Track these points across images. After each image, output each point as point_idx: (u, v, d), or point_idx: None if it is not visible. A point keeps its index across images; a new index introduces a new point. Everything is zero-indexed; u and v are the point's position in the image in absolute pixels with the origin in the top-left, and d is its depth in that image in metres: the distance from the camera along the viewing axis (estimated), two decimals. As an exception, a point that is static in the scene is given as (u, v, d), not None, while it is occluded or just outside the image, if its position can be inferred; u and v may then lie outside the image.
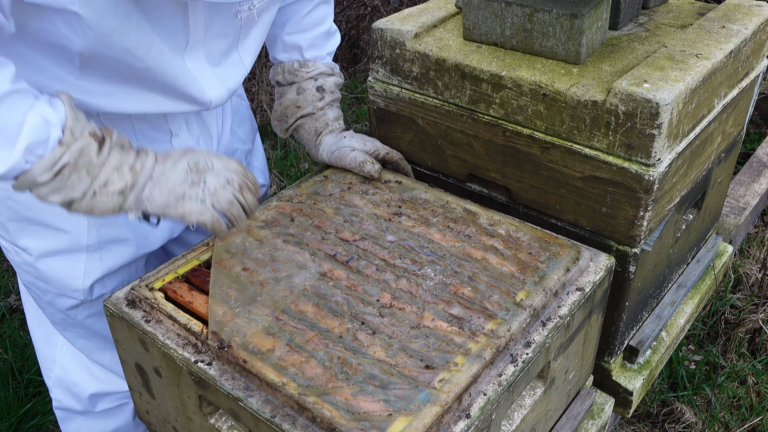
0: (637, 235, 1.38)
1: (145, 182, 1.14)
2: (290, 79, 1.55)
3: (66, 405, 1.66)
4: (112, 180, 1.10)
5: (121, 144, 1.13)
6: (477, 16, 1.50)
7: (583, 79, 1.37)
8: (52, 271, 1.40)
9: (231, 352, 1.11)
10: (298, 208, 1.46)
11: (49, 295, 1.44)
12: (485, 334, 1.14)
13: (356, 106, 4.00)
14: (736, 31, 1.51)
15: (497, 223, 1.41)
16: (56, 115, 1.04)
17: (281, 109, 1.59)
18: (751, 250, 2.72)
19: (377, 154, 1.57)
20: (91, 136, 1.07)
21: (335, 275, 1.27)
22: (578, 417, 1.44)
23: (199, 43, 1.24)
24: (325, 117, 1.57)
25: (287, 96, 1.57)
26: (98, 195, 1.10)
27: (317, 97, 1.56)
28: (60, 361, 1.62)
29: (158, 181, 1.15)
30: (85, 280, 1.41)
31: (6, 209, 1.34)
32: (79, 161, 1.06)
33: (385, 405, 1.02)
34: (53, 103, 1.06)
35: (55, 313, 1.49)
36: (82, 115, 1.10)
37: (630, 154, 1.32)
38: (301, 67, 1.55)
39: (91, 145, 1.07)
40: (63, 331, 1.55)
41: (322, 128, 1.57)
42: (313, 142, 1.59)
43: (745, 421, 2.11)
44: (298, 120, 1.59)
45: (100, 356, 1.59)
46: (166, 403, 1.29)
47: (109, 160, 1.10)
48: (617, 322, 1.52)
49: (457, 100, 1.51)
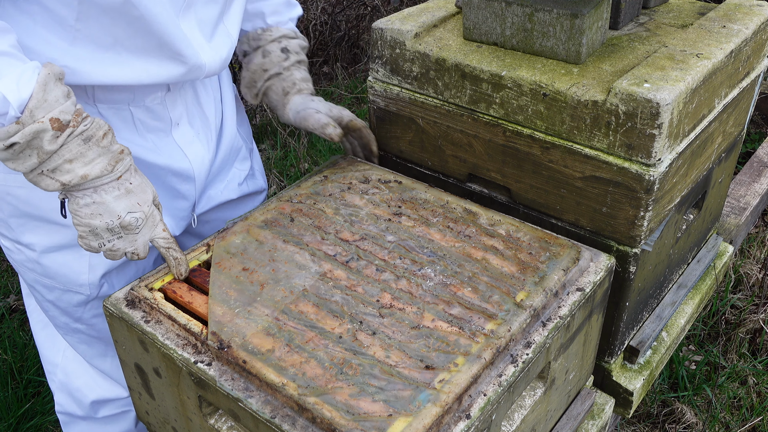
0: (637, 235, 1.38)
1: (84, 191, 1.15)
2: (254, 44, 1.58)
3: (68, 410, 1.65)
4: (61, 170, 1.11)
5: (88, 136, 1.12)
6: (477, 15, 1.50)
7: (583, 78, 1.37)
8: (57, 265, 1.39)
9: (231, 353, 1.11)
10: (298, 208, 1.45)
11: (55, 291, 1.43)
12: (485, 335, 1.14)
13: (356, 106, 4.00)
14: (737, 30, 1.51)
15: (497, 223, 1.41)
16: (17, 94, 1.04)
17: (249, 75, 1.60)
18: (751, 250, 2.72)
19: (341, 120, 1.59)
20: (49, 122, 1.07)
21: (335, 275, 1.27)
22: (578, 417, 1.44)
23: (192, 6, 1.25)
24: (292, 77, 1.59)
25: (254, 61, 1.59)
26: (44, 176, 1.11)
27: (282, 57, 1.58)
28: (63, 365, 1.61)
29: (93, 202, 1.16)
30: (91, 275, 1.40)
31: (6, 205, 1.33)
32: (31, 142, 1.07)
33: (385, 405, 1.01)
34: (26, 79, 1.05)
35: (58, 315, 1.48)
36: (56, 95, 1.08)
37: (630, 154, 1.31)
38: (263, 32, 1.58)
39: (46, 130, 1.07)
40: (65, 335, 1.54)
41: (290, 88, 1.59)
42: (281, 101, 1.60)
43: (746, 422, 2.11)
44: (266, 82, 1.59)
45: (100, 362, 1.58)
46: (165, 404, 1.29)
47: (62, 150, 1.10)
48: (617, 322, 1.52)
49: (457, 99, 1.51)
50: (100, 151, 1.14)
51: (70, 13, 1.15)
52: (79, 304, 1.45)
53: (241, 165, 1.63)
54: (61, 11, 1.14)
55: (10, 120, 1.04)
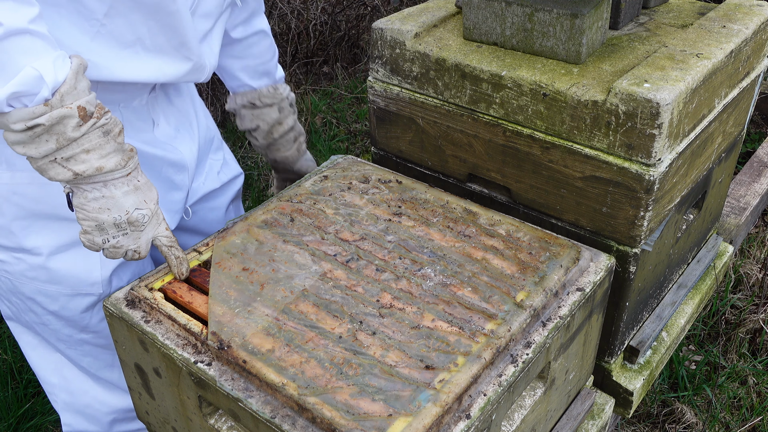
0: (637, 235, 1.38)
1: (95, 185, 1.15)
2: (268, 101, 1.76)
3: (79, 428, 1.61)
4: (77, 159, 1.11)
5: (108, 130, 1.13)
6: (477, 15, 1.50)
7: (583, 78, 1.37)
8: (67, 266, 1.37)
9: (231, 353, 1.11)
10: (298, 208, 1.45)
11: (60, 299, 1.40)
12: (485, 335, 1.14)
13: (356, 106, 4.00)
14: (737, 30, 1.50)
15: (497, 223, 1.41)
16: (54, 76, 1.04)
17: (267, 127, 1.78)
18: (751, 250, 2.72)
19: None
20: (77, 109, 1.07)
21: (335, 275, 1.27)
22: (578, 417, 1.44)
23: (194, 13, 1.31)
24: (301, 132, 1.86)
25: (270, 115, 1.77)
26: (56, 163, 1.10)
27: (292, 111, 1.82)
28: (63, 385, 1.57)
29: (102, 196, 1.16)
30: (103, 270, 1.40)
31: (11, 207, 1.32)
32: (54, 127, 1.06)
33: (385, 405, 1.01)
34: (60, 63, 1.06)
35: (61, 327, 1.45)
36: (84, 86, 1.09)
37: (630, 154, 1.31)
38: (275, 90, 1.76)
39: (73, 117, 1.07)
40: (67, 350, 1.51)
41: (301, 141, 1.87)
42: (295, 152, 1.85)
43: (746, 422, 2.11)
44: (284, 136, 1.81)
45: (108, 373, 1.55)
46: (165, 404, 1.29)
47: (83, 140, 1.10)
48: (617, 322, 1.52)
49: (457, 99, 1.51)
50: (116, 146, 1.15)
51: (101, 7, 1.17)
52: (87, 309, 1.43)
53: (215, 155, 1.69)
54: (92, 4, 1.16)
55: (38, 101, 1.03)
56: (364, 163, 1.62)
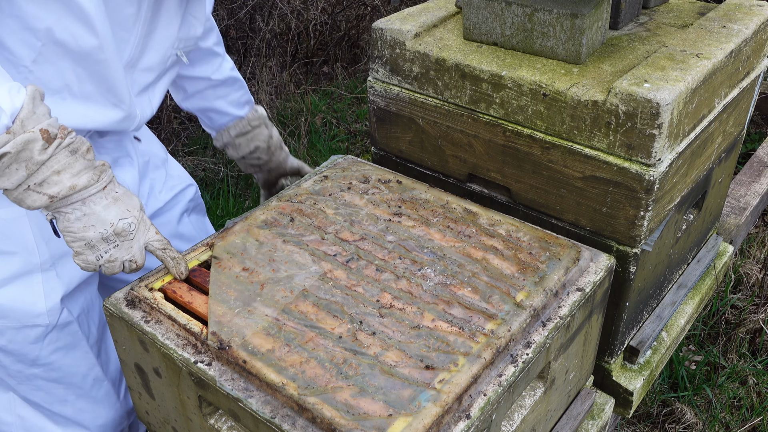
0: (637, 235, 1.38)
1: (73, 205, 1.15)
2: (256, 123, 1.90)
3: None
4: (49, 182, 1.11)
5: (75, 148, 1.13)
6: (477, 15, 1.50)
7: (583, 78, 1.37)
8: (10, 300, 1.35)
9: (231, 353, 1.11)
10: (298, 208, 1.45)
11: (8, 333, 1.38)
12: (485, 335, 1.14)
13: (356, 106, 4.00)
14: (737, 30, 1.50)
15: (497, 223, 1.41)
16: (11, 103, 1.05)
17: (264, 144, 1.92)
18: (751, 250, 2.72)
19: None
20: (39, 132, 1.08)
21: (335, 275, 1.27)
22: (578, 417, 1.44)
23: (134, 67, 1.36)
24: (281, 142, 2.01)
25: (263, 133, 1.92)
26: (30, 191, 1.11)
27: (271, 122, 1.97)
28: (18, 423, 1.54)
29: (84, 215, 1.16)
30: (47, 301, 1.38)
31: None
32: (21, 153, 1.06)
33: (385, 405, 1.01)
34: (15, 92, 1.07)
35: (10, 363, 1.43)
36: (43, 110, 1.10)
37: (630, 154, 1.31)
38: (257, 111, 1.91)
39: (36, 140, 1.07)
40: (18, 386, 1.48)
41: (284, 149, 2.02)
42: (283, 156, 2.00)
43: (746, 422, 2.11)
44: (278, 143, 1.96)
45: (61, 408, 1.52)
46: (165, 404, 1.29)
47: (51, 161, 1.10)
48: (617, 322, 1.52)
49: (457, 100, 1.51)
50: (86, 163, 1.15)
51: (29, 54, 1.19)
52: (37, 340, 1.41)
53: (154, 174, 1.69)
54: (19, 51, 1.18)
55: (1, 129, 1.04)
56: (364, 163, 1.62)
